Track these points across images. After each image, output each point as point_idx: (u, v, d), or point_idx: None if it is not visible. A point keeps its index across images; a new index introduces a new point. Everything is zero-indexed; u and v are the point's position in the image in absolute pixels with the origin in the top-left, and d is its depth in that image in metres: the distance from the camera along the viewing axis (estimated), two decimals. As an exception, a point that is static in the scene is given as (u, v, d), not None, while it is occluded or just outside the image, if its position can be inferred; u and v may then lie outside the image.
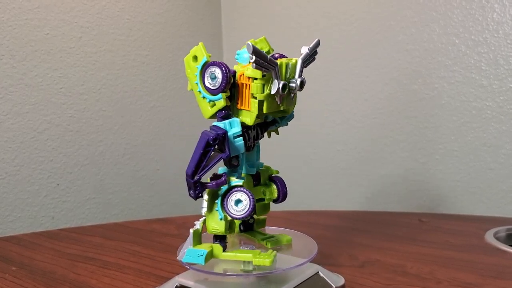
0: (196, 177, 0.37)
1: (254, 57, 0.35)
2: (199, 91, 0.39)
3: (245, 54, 0.40)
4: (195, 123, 1.05)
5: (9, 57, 0.77)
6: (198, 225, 0.40)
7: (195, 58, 0.40)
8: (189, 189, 0.38)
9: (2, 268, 0.54)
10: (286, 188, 0.44)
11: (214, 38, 1.12)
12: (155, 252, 0.59)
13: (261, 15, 1.08)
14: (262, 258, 0.38)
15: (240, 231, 0.44)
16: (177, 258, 0.39)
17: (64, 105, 0.85)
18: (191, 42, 1.05)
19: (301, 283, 0.40)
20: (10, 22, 0.77)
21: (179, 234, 0.68)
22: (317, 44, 0.39)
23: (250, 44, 0.35)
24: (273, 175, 0.44)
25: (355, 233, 0.67)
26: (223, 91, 0.38)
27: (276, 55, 0.41)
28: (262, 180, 0.43)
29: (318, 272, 0.43)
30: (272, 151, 1.06)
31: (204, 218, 0.40)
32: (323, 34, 0.98)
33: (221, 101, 0.38)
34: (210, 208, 0.39)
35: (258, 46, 0.40)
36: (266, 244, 0.42)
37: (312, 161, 1.02)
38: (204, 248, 0.38)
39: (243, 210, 0.38)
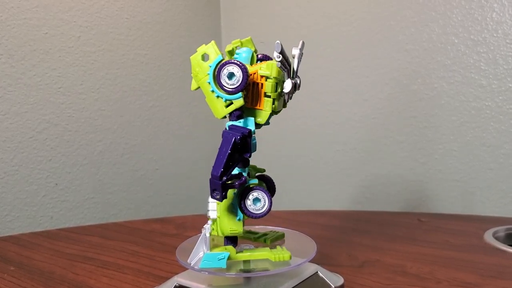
0: (224, 178, 0.36)
1: (281, 56, 0.35)
2: (212, 91, 0.38)
3: (244, 54, 0.39)
4: (194, 123, 1.05)
5: (7, 56, 0.77)
6: (209, 228, 0.39)
7: (204, 56, 0.38)
8: (215, 190, 0.37)
9: (1, 268, 0.54)
10: (275, 185, 0.44)
11: (214, 38, 1.12)
12: (154, 252, 0.59)
13: (260, 15, 1.08)
14: (281, 254, 0.38)
15: None
16: (190, 265, 0.38)
17: (63, 105, 0.84)
18: (190, 42, 1.05)
19: (300, 283, 0.40)
20: (9, 21, 0.77)
21: (178, 234, 0.68)
22: (303, 45, 0.39)
23: (280, 43, 0.35)
24: (259, 173, 0.44)
25: (354, 233, 0.67)
26: (242, 90, 0.37)
27: (260, 56, 0.42)
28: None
29: (317, 272, 0.43)
30: (272, 151, 1.06)
31: (211, 221, 0.39)
32: (323, 34, 0.98)
33: (240, 100, 0.38)
34: (225, 210, 0.38)
35: (244, 46, 0.40)
36: (265, 241, 0.42)
37: (311, 161, 1.02)
38: (221, 250, 0.38)
39: (262, 208, 0.38)
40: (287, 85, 0.37)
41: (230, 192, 0.38)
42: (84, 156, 0.88)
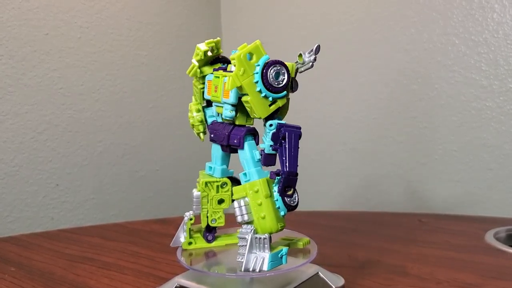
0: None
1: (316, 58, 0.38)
2: (260, 90, 0.37)
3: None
4: (195, 123, 1.05)
5: (8, 57, 0.77)
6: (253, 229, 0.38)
7: (248, 56, 0.38)
8: (289, 187, 0.38)
9: (1, 268, 0.54)
10: None
11: (214, 38, 1.12)
12: (154, 253, 0.59)
13: (260, 16, 1.08)
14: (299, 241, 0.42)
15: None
16: (255, 271, 0.36)
17: (63, 106, 0.84)
18: (190, 43, 1.05)
19: (301, 283, 0.40)
20: (9, 22, 0.77)
21: (179, 235, 0.68)
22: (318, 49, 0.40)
23: (319, 46, 0.38)
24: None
25: (355, 234, 0.67)
26: (286, 89, 0.39)
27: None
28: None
29: (318, 273, 0.43)
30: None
31: (250, 222, 0.39)
32: (323, 34, 0.98)
33: (283, 99, 0.39)
34: (272, 208, 0.38)
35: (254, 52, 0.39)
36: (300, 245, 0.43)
37: (311, 162, 1.02)
38: (279, 247, 0.38)
39: (295, 201, 0.39)
40: (296, 86, 0.41)
41: (271, 189, 0.39)
42: (84, 157, 0.88)
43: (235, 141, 0.40)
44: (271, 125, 0.39)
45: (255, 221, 0.38)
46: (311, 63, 0.39)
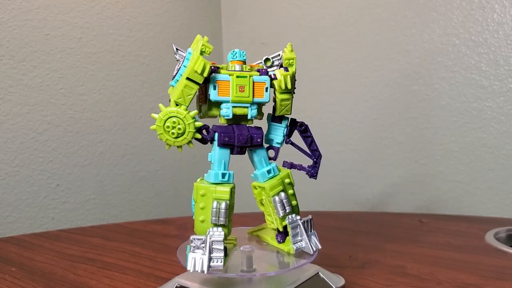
0: None
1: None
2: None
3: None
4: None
5: (9, 57, 0.77)
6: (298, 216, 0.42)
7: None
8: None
9: (2, 269, 0.54)
10: None
11: (214, 39, 1.12)
12: (155, 253, 0.59)
13: (261, 17, 1.08)
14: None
15: None
16: (318, 248, 0.41)
17: (64, 106, 0.85)
18: (191, 43, 1.05)
19: (301, 283, 0.40)
20: (10, 22, 0.77)
21: (179, 235, 0.68)
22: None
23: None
24: None
25: (355, 234, 0.67)
26: None
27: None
28: None
29: (318, 273, 0.43)
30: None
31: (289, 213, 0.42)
32: (323, 34, 0.98)
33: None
34: (295, 194, 0.43)
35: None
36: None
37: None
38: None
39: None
40: None
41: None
42: (85, 157, 0.88)
43: (258, 140, 0.41)
44: (282, 121, 0.43)
45: (294, 209, 0.42)
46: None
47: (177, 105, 0.39)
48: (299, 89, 0.42)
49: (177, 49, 0.41)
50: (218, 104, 0.40)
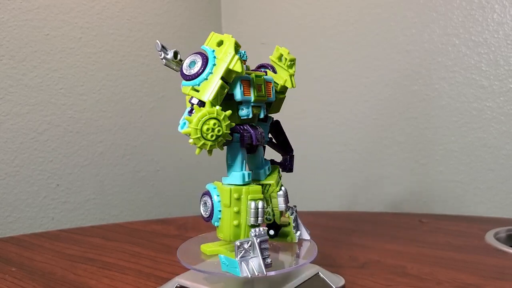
0: None
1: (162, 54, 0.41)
2: None
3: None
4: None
5: (9, 57, 0.77)
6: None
7: None
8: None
9: (2, 269, 0.54)
10: None
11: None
12: (155, 253, 0.59)
13: (261, 17, 1.08)
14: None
15: None
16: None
17: (64, 106, 0.85)
18: (191, 43, 1.06)
19: (301, 283, 0.40)
20: (10, 22, 0.77)
21: (179, 235, 0.68)
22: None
23: (159, 42, 0.39)
24: None
25: (355, 234, 0.67)
26: None
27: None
28: None
29: (318, 273, 0.43)
30: (273, 152, 1.06)
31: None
32: (323, 35, 0.98)
33: None
34: None
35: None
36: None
37: (312, 162, 1.02)
38: None
39: None
40: None
41: None
42: (85, 157, 0.88)
43: (267, 138, 0.43)
44: (268, 120, 0.43)
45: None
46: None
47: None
48: (299, 89, 0.42)
49: (162, 46, 0.39)
50: (229, 105, 0.39)
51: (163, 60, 0.39)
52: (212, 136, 0.35)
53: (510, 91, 0.78)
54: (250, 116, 0.39)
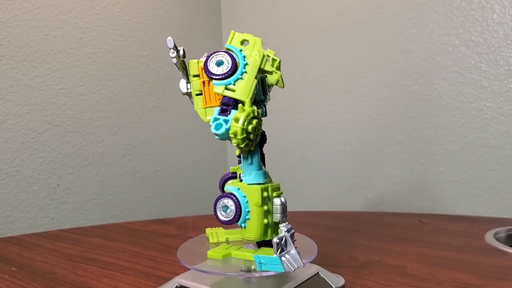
0: None
1: (175, 53, 0.39)
2: None
3: None
4: (195, 124, 1.05)
5: (9, 57, 0.77)
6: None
7: None
8: None
9: (2, 268, 0.54)
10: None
11: (215, 39, 1.12)
12: (155, 253, 0.59)
13: (261, 17, 1.08)
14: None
15: None
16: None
17: (64, 106, 0.85)
18: (191, 43, 1.06)
19: (301, 283, 0.40)
20: (10, 22, 0.77)
21: (179, 235, 0.68)
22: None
23: (171, 39, 0.38)
24: None
25: (355, 234, 0.67)
26: None
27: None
28: None
29: (318, 273, 0.43)
30: (273, 152, 1.06)
31: None
32: (324, 35, 0.98)
33: None
34: None
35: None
36: None
37: (312, 162, 1.02)
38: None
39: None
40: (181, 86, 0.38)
41: None
42: (85, 157, 0.88)
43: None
44: None
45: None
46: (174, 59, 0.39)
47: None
48: (299, 89, 0.42)
49: (175, 45, 0.38)
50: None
51: (174, 59, 0.38)
52: (254, 135, 0.35)
53: (510, 91, 0.78)
54: (266, 115, 0.40)
